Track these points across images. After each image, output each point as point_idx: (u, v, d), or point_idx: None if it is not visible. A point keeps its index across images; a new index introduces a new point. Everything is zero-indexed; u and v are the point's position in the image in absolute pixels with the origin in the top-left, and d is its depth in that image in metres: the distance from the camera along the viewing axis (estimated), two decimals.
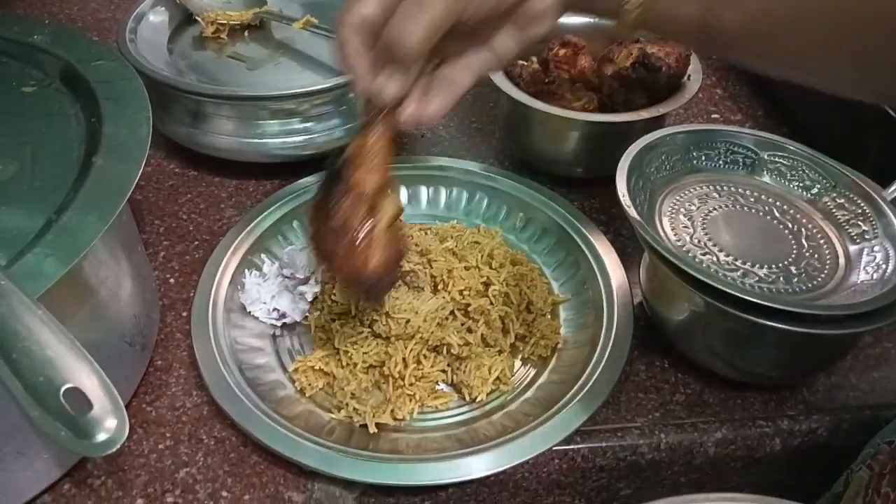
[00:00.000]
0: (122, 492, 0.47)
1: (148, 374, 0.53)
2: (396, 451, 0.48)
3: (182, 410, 0.52)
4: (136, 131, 0.48)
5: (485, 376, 0.52)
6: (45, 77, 0.54)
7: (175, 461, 0.49)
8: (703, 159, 0.59)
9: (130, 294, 0.50)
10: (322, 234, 0.46)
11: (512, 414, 0.50)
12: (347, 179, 0.45)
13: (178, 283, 0.60)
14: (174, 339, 0.56)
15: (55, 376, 0.33)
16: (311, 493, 0.47)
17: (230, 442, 0.50)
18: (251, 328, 0.55)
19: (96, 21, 0.93)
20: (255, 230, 0.60)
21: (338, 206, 0.44)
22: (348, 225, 0.44)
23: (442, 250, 0.57)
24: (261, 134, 0.67)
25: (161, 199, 0.69)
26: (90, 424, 0.33)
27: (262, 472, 0.48)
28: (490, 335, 0.53)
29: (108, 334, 0.47)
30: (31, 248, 0.39)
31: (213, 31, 0.77)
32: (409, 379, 0.51)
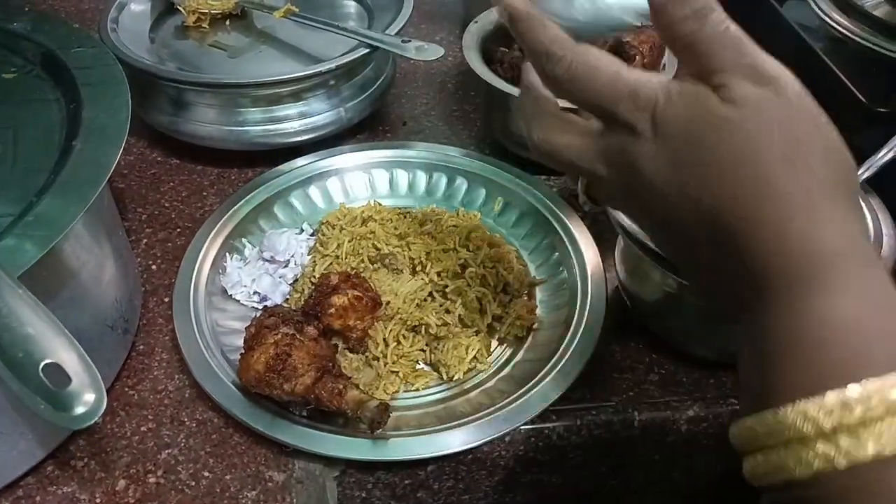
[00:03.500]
0: (104, 472, 0.48)
1: (130, 359, 0.54)
2: None
3: (164, 393, 0.52)
4: (116, 116, 0.48)
5: (462, 356, 0.53)
6: (26, 63, 0.54)
7: (157, 443, 0.49)
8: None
9: (112, 278, 0.50)
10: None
11: (488, 391, 0.51)
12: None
13: (161, 269, 0.61)
14: (157, 324, 0.57)
15: (35, 352, 0.34)
16: (291, 471, 0.48)
17: (212, 424, 0.51)
18: (233, 311, 0.56)
19: (79, 11, 0.94)
20: (235, 215, 0.61)
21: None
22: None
23: (421, 233, 0.58)
24: (242, 122, 0.68)
25: (143, 187, 0.69)
26: (69, 398, 0.33)
27: (244, 453, 0.49)
28: (467, 316, 0.54)
29: (89, 317, 0.48)
30: (12, 230, 0.40)
31: (194, 21, 0.77)
32: (390, 357, 0.52)
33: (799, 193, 0.29)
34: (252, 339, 0.48)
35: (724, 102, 0.30)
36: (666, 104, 0.31)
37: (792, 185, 0.29)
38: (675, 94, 0.31)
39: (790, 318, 0.28)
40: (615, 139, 0.33)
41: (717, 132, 0.30)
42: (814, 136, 0.30)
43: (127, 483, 0.47)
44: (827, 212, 0.29)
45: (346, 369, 0.51)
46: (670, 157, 0.31)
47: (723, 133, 0.30)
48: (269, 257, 0.58)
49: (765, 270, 0.29)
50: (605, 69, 0.33)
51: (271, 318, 0.50)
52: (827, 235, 0.28)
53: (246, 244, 0.60)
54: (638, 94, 0.32)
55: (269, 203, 0.63)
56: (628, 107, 0.32)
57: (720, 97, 0.30)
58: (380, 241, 0.58)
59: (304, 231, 0.62)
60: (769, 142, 0.29)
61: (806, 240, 0.28)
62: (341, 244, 0.58)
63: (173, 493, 0.47)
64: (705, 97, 0.30)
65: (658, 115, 0.31)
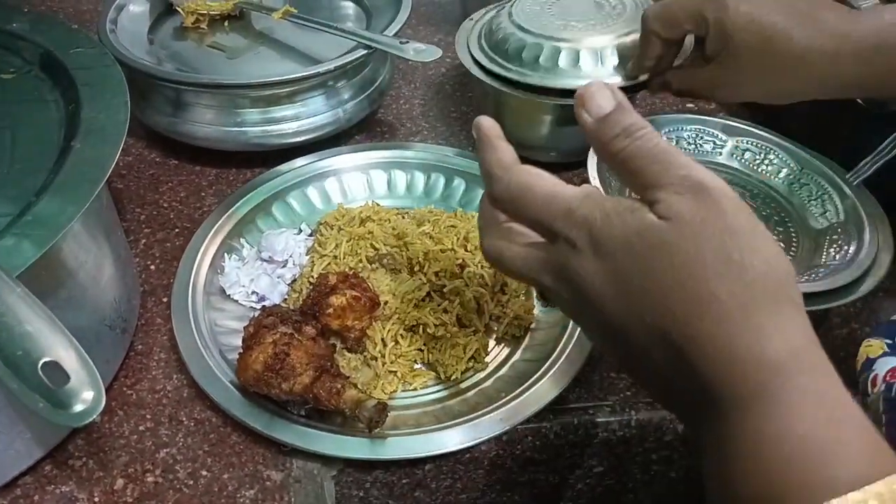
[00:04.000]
0: (102, 472, 0.48)
1: (129, 358, 0.54)
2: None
3: (162, 393, 0.52)
4: (115, 116, 0.48)
5: (460, 355, 0.53)
6: (25, 64, 0.55)
7: (155, 442, 0.49)
8: (673, 145, 0.60)
9: (110, 278, 0.50)
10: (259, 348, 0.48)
11: (486, 391, 0.52)
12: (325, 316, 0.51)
13: (159, 269, 0.61)
14: (155, 324, 0.57)
15: (33, 350, 0.34)
16: (289, 471, 0.48)
17: (210, 423, 0.51)
18: (231, 311, 0.56)
19: (78, 12, 0.94)
20: (233, 216, 0.61)
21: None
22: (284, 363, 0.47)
23: (419, 234, 0.58)
24: (240, 122, 0.68)
25: (142, 187, 0.69)
26: (67, 396, 0.34)
27: (242, 452, 0.49)
28: (465, 316, 0.54)
29: (88, 317, 0.48)
30: (10, 230, 0.40)
31: (193, 22, 0.77)
32: (388, 357, 0.52)
33: (737, 310, 0.29)
34: (250, 339, 0.49)
35: (659, 219, 0.30)
36: (603, 222, 0.32)
37: (729, 302, 0.29)
38: (611, 211, 0.32)
39: (744, 436, 0.28)
40: (557, 254, 0.34)
41: (652, 250, 0.30)
42: (749, 248, 0.29)
43: (125, 482, 0.47)
44: (768, 325, 0.28)
45: (345, 369, 0.51)
46: (611, 275, 0.31)
47: (658, 252, 0.30)
48: (268, 257, 0.58)
49: (712, 388, 0.29)
50: (541, 189, 0.34)
51: (270, 317, 0.50)
52: (769, 350, 0.28)
53: (244, 244, 0.61)
54: (574, 213, 0.33)
55: (267, 203, 0.63)
56: (566, 224, 0.33)
57: (655, 213, 0.31)
58: (378, 241, 0.58)
59: (303, 231, 0.63)
60: (703, 259, 0.29)
61: (749, 356, 0.28)
62: (339, 244, 0.58)
63: (171, 492, 0.47)
64: (640, 214, 0.31)
65: (595, 233, 0.32)
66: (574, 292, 0.33)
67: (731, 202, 0.30)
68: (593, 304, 0.32)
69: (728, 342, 0.29)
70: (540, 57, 0.63)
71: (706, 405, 0.29)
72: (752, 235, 0.30)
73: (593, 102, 0.34)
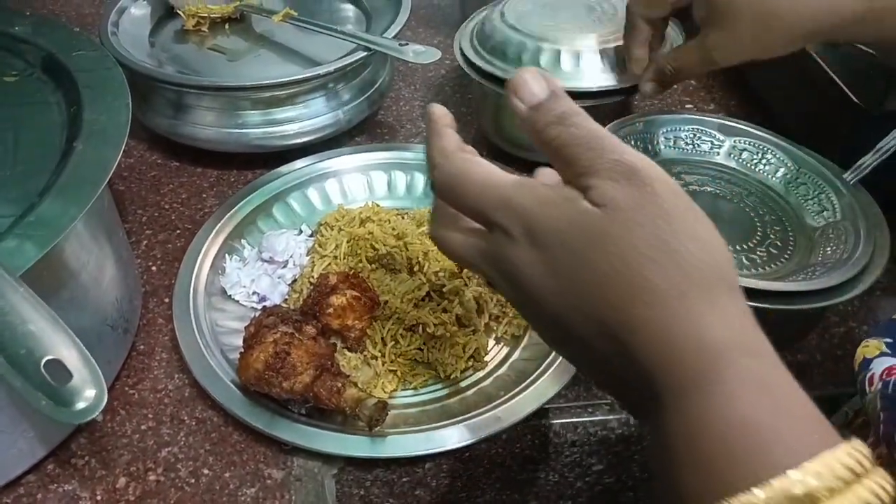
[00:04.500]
0: (105, 470, 0.48)
1: (131, 358, 0.55)
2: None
3: (164, 392, 0.53)
4: (116, 118, 0.49)
5: (459, 354, 0.53)
6: (27, 66, 0.55)
7: (157, 441, 0.50)
8: (671, 145, 0.61)
9: (112, 278, 0.51)
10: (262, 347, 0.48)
11: (485, 390, 0.52)
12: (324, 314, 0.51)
13: (161, 270, 0.61)
14: (156, 325, 0.57)
15: (36, 348, 0.34)
16: (290, 469, 0.49)
17: (211, 422, 0.51)
18: (232, 311, 0.57)
19: (79, 16, 0.94)
20: (234, 217, 0.61)
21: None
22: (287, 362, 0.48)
23: (418, 234, 0.58)
24: (241, 124, 0.68)
25: (143, 189, 0.70)
26: (70, 393, 0.34)
27: (243, 451, 0.50)
28: (464, 315, 0.55)
29: (90, 317, 0.49)
30: (13, 230, 0.40)
31: (193, 25, 0.78)
32: (388, 356, 0.52)
33: (673, 296, 0.28)
34: (251, 338, 0.49)
35: (593, 206, 0.30)
36: (537, 212, 0.31)
37: (665, 289, 0.28)
38: (545, 200, 0.31)
39: (686, 424, 0.28)
40: (494, 244, 0.33)
41: (586, 239, 0.30)
42: (685, 234, 0.29)
43: (127, 481, 0.48)
44: (705, 309, 0.28)
45: (345, 368, 0.52)
46: (547, 265, 0.31)
47: (592, 241, 0.30)
48: (268, 258, 0.58)
49: (651, 376, 0.29)
50: (477, 177, 0.33)
51: (270, 317, 0.50)
52: (707, 336, 0.28)
53: (245, 245, 0.61)
54: (510, 201, 0.32)
55: (268, 205, 0.63)
56: (501, 213, 0.32)
57: (588, 200, 0.30)
58: (378, 241, 0.58)
59: (303, 232, 0.63)
60: (637, 247, 0.29)
61: (687, 343, 0.28)
62: (340, 245, 0.59)
63: (173, 490, 0.47)
64: (574, 203, 0.30)
65: (530, 223, 0.31)
66: (512, 283, 0.33)
67: (665, 186, 0.30)
68: (531, 296, 0.32)
69: (665, 329, 0.28)
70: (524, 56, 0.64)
71: (648, 394, 0.29)
72: (689, 220, 0.30)
73: (526, 90, 0.33)
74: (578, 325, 0.30)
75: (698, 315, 0.28)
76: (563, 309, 0.31)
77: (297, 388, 0.47)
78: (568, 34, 0.65)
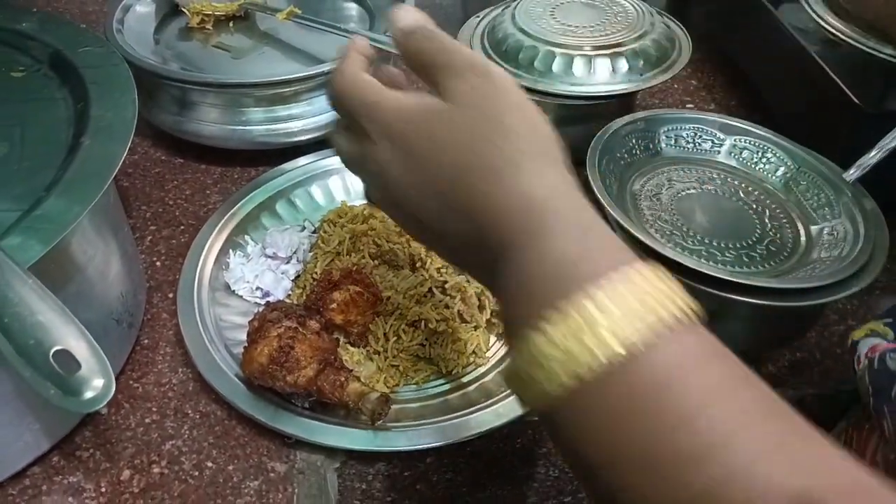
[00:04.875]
0: (109, 463, 0.49)
1: (135, 352, 0.55)
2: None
3: (168, 386, 0.53)
4: (123, 113, 0.49)
5: (461, 350, 0.54)
6: (34, 63, 0.56)
7: (161, 434, 0.50)
8: (672, 143, 0.61)
9: (117, 273, 0.51)
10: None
11: (486, 385, 0.52)
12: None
13: (165, 266, 0.62)
14: (160, 319, 0.58)
15: (45, 339, 0.35)
16: (293, 462, 0.49)
17: (215, 416, 0.51)
18: (236, 306, 0.57)
19: (83, 13, 0.95)
20: (238, 213, 0.62)
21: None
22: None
23: None
24: (245, 121, 0.69)
25: (148, 185, 0.70)
26: (78, 383, 0.34)
27: (246, 444, 0.50)
28: (466, 311, 0.55)
29: (96, 311, 0.49)
30: (21, 224, 0.41)
31: (198, 22, 0.78)
32: (391, 351, 0.53)
33: (505, 163, 0.32)
34: (255, 333, 0.49)
35: (441, 101, 0.34)
36: (397, 115, 0.35)
37: (501, 165, 0.32)
38: (405, 104, 0.35)
39: (517, 270, 0.31)
40: (364, 148, 0.37)
41: (436, 128, 0.34)
42: (517, 117, 0.33)
43: (131, 473, 0.48)
44: (534, 173, 0.32)
45: (348, 363, 0.52)
46: (405, 161, 0.35)
47: (441, 131, 0.34)
48: (272, 254, 0.59)
49: (495, 239, 0.32)
50: (356, 89, 0.37)
51: (274, 312, 0.50)
52: (535, 193, 0.32)
53: (249, 241, 0.61)
54: (376, 107, 0.36)
55: (271, 201, 0.64)
56: (366, 119, 0.36)
57: (439, 95, 0.34)
58: (380, 237, 0.59)
59: (306, 228, 0.63)
60: (479, 128, 0.33)
61: (519, 201, 0.32)
62: (343, 241, 0.59)
63: (177, 482, 0.48)
64: (426, 100, 0.35)
65: (390, 125, 0.35)
66: (380, 185, 0.37)
67: (507, 81, 0.34)
68: (397, 195, 0.36)
69: (504, 198, 0.32)
70: (535, 60, 0.64)
71: (493, 258, 0.32)
72: (520, 108, 0.34)
73: (402, 17, 0.38)
74: (434, 210, 0.34)
75: (528, 175, 0.32)
76: (424, 200, 0.34)
77: (301, 382, 0.47)
78: (579, 38, 0.65)
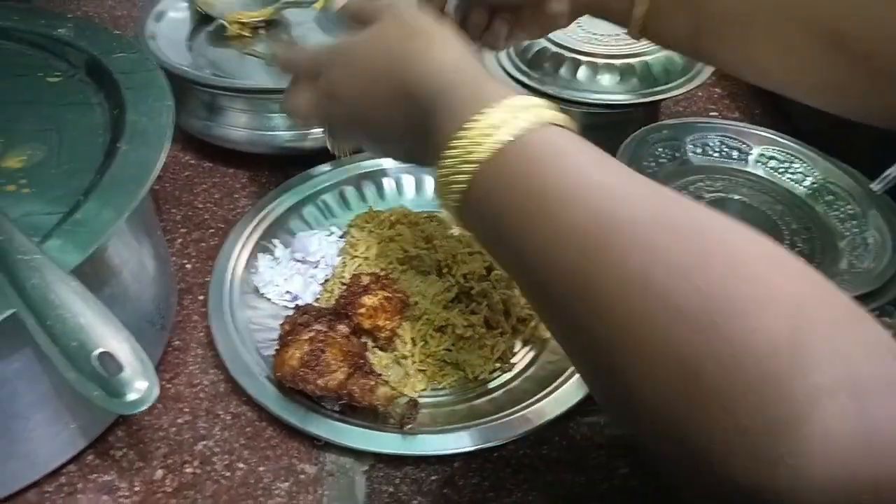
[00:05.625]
0: (143, 462, 0.49)
1: (166, 354, 0.56)
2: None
3: (199, 388, 0.54)
4: (158, 119, 0.50)
5: (487, 356, 0.54)
6: (70, 68, 0.57)
7: (193, 435, 0.51)
8: (699, 152, 0.61)
9: (151, 275, 0.52)
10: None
11: (513, 391, 0.53)
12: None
13: (195, 268, 0.63)
14: (191, 322, 0.58)
15: (88, 341, 0.36)
16: (322, 465, 0.50)
17: (245, 417, 0.52)
18: (265, 309, 0.58)
19: (112, 18, 0.96)
20: (267, 217, 0.63)
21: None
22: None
23: (446, 236, 0.59)
24: (273, 127, 0.69)
25: (177, 189, 0.71)
26: (121, 385, 0.35)
27: (277, 446, 0.51)
28: (492, 317, 0.56)
29: (130, 313, 0.49)
30: (62, 226, 0.42)
31: (235, 30, 0.79)
32: (418, 356, 0.53)
33: (420, 51, 0.42)
34: (287, 336, 0.50)
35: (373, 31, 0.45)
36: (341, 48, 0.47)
37: (413, 48, 0.42)
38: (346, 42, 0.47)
39: (441, 111, 0.39)
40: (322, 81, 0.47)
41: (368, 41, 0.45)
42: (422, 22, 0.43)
43: (164, 473, 0.49)
44: (441, 51, 0.41)
45: (375, 367, 0.53)
46: (354, 76, 0.45)
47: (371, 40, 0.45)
48: (301, 258, 0.59)
49: (422, 94, 0.40)
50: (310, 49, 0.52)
51: (305, 315, 0.51)
52: (447, 59, 0.41)
53: (277, 245, 0.62)
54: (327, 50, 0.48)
55: (299, 206, 0.65)
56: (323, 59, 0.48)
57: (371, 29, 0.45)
58: (407, 243, 0.59)
59: (333, 233, 0.64)
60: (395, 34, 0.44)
61: (435, 65, 0.41)
62: (370, 246, 0.60)
63: (209, 483, 0.48)
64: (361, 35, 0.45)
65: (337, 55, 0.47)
66: (337, 102, 0.47)
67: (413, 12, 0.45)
68: (351, 105, 0.46)
69: (419, 66, 0.41)
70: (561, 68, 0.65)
71: (424, 121, 0.40)
72: (419, 18, 0.44)
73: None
74: (385, 102, 0.43)
75: (438, 57, 0.41)
76: (371, 99, 0.44)
77: (332, 386, 0.48)
78: (605, 46, 0.66)
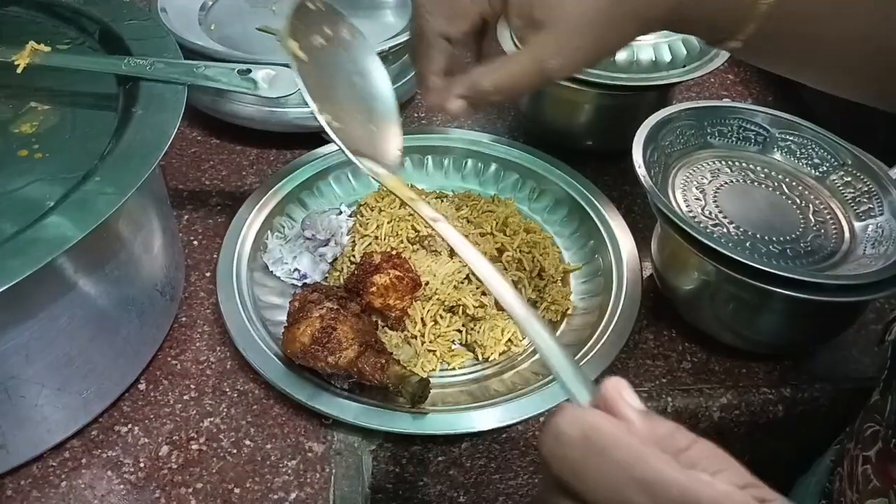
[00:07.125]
0: (147, 438, 0.49)
1: (173, 330, 0.55)
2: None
3: (206, 364, 0.53)
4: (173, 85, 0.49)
5: (497, 337, 0.54)
6: (79, 35, 0.55)
7: (199, 411, 0.51)
8: (717, 135, 0.60)
9: (161, 244, 0.52)
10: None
11: (522, 373, 0.52)
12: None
13: (202, 245, 0.62)
14: (198, 298, 0.58)
15: None
16: (330, 443, 0.49)
17: (253, 394, 0.52)
18: (273, 286, 0.57)
19: None
20: (276, 194, 0.62)
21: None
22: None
23: (458, 217, 0.59)
24: (282, 103, 0.68)
25: (184, 165, 0.70)
26: None
27: (284, 424, 0.50)
28: None
29: (143, 280, 0.49)
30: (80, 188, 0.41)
31: None
32: (428, 336, 0.53)
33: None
34: (297, 313, 0.49)
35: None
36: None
37: None
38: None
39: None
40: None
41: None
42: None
43: (170, 449, 0.48)
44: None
45: (386, 346, 0.52)
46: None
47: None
48: (311, 235, 0.59)
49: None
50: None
51: (315, 293, 0.51)
52: None
53: (287, 223, 0.61)
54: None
55: (309, 183, 0.64)
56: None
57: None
58: (418, 222, 0.59)
59: (343, 212, 0.63)
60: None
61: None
62: (381, 225, 0.59)
63: (215, 460, 0.48)
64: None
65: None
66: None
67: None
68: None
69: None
70: None
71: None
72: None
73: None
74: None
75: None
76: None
77: (342, 363, 0.47)
78: None
